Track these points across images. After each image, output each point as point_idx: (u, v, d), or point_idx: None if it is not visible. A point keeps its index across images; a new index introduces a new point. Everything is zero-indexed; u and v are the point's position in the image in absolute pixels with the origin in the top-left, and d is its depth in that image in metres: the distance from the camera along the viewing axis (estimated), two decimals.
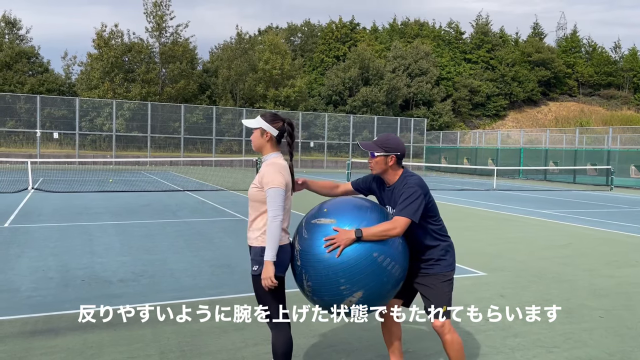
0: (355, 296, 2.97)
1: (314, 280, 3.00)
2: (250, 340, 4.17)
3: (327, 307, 3.10)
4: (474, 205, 14.97)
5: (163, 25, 41.84)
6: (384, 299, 3.11)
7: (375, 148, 3.25)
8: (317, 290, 3.02)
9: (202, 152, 36.77)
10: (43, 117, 32.63)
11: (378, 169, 3.28)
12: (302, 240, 3.09)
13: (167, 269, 6.36)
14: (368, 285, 2.96)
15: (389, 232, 3.00)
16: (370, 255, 2.95)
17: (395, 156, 3.24)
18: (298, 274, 3.10)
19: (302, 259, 3.04)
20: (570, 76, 64.14)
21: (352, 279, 2.93)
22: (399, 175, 3.27)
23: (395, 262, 3.03)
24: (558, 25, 79.88)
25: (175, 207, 12.56)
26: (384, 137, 3.33)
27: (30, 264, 6.45)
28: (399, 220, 3.05)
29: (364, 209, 3.14)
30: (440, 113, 51.55)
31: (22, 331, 4.21)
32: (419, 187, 3.16)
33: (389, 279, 3.03)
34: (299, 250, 3.07)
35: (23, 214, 10.59)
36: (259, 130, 3.16)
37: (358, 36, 57.86)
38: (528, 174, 32.27)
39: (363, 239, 2.93)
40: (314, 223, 3.09)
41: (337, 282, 2.94)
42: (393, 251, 3.03)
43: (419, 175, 3.29)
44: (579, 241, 9.39)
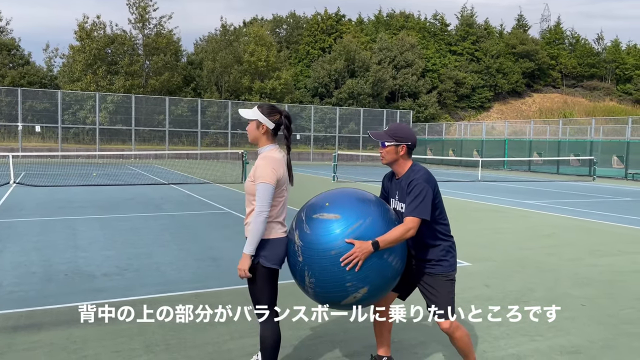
0: (360, 292, 2.94)
1: (318, 277, 2.93)
2: (236, 333, 4.16)
3: (329, 302, 3.07)
4: (459, 196, 15.07)
5: (146, 16, 41.35)
6: (385, 292, 3.11)
7: (386, 137, 3.22)
8: (321, 286, 2.95)
9: (188, 145, 36.51)
10: (24, 111, 32.14)
11: (389, 159, 3.24)
12: (304, 236, 2.99)
13: (152, 263, 6.31)
14: (374, 281, 2.94)
15: (404, 236, 3.00)
16: (378, 252, 2.92)
17: (406, 146, 3.21)
18: (299, 270, 3.01)
19: (305, 255, 2.96)
20: (554, 68, 64.71)
21: (359, 276, 2.89)
22: (408, 166, 3.24)
23: (396, 254, 3.03)
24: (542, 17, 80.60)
25: (160, 200, 12.47)
26: (395, 126, 3.30)
27: (12, 258, 6.36)
28: (411, 222, 3.03)
29: (366, 202, 3.09)
30: (425, 105, 51.73)
31: (4, 326, 4.15)
32: (426, 183, 3.12)
33: (392, 273, 3.03)
34: (301, 246, 2.99)
35: (5, 209, 10.43)
36: (255, 122, 3.11)
37: (344, 28, 57.70)
38: (512, 165, 32.57)
39: (380, 248, 2.91)
40: (317, 218, 3.00)
41: (343, 279, 2.89)
42: (396, 248, 3.03)
43: (426, 168, 3.24)
44: (562, 231, 9.51)
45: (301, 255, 2.97)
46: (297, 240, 3.01)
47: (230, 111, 37.23)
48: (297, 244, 3.01)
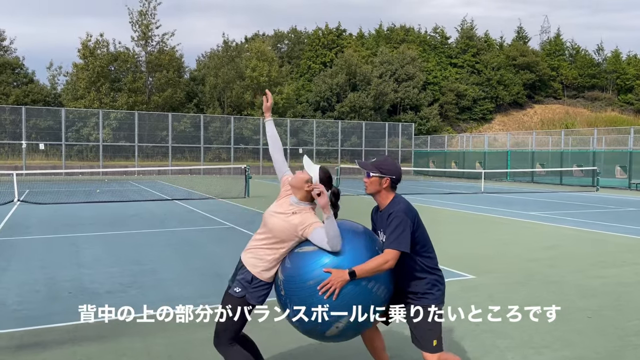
0: (342, 322, 2.94)
1: (299, 310, 2.95)
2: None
3: (313, 334, 3.07)
4: (462, 208, 15.04)
5: (149, 34, 41.73)
6: (369, 321, 3.09)
7: (371, 168, 3.27)
8: (304, 318, 2.96)
9: (191, 160, 36.62)
10: (28, 128, 32.34)
11: (372, 189, 3.27)
12: (285, 270, 3.05)
13: (156, 279, 6.31)
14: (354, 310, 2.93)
15: (382, 267, 2.99)
16: (357, 281, 2.92)
17: (390, 179, 3.24)
18: (283, 304, 3.06)
19: (286, 288, 3.00)
20: (555, 79, 64.88)
21: (337, 305, 2.89)
22: (390, 199, 3.26)
23: (377, 281, 3.01)
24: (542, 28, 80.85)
25: (164, 216, 12.48)
26: (382, 159, 3.38)
27: (16, 277, 6.37)
28: (389, 254, 3.03)
29: (349, 232, 3.10)
30: (427, 117, 51.86)
31: (9, 345, 4.15)
32: (405, 215, 3.12)
33: (374, 302, 3.01)
34: (282, 280, 3.03)
35: (9, 227, 10.46)
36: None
37: (344, 42, 58.09)
38: (515, 177, 32.52)
39: (357, 277, 2.91)
40: (298, 252, 3.06)
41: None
42: (378, 275, 3.01)
43: (407, 201, 3.28)
44: (566, 242, 9.47)
45: (283, 289, 3.02)
46: (280, 275, 3.08)
47: (233, 126, 37.39)
48: (280, 279, 3.07)
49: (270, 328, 4.27)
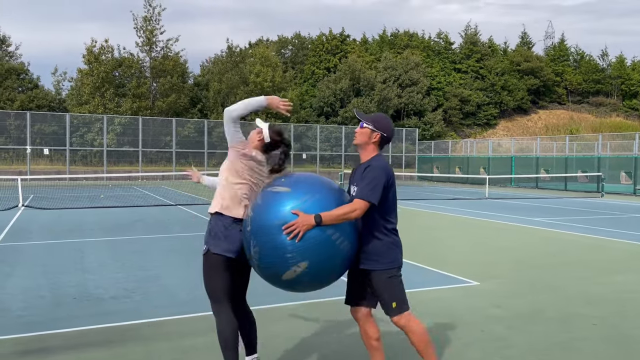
0: (300, 266, 2.98)
1: (261, 246, 3.03)
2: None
3: (271, 276, 3.11)
4: (466, 214, 15.00)
5: (153, 39, 41.91)
6: (329, 274, 3.13)
7: (366, 119, 3.34)
8: (263, 256, 3.04)
9: (194, 165, 36.65)
10: (33, 134, 32.46)
11: (360, 140, 3.33)
12: (255, 207, 3.13)
13: (160, 285, 6.31)
14: (314, 257, 2.98)
15: (348, 215, 3.04)
16: (322, 229, 2.98)
17: (380, 135, 3.30)
18: (247, 240, 3.13)
19: (252, 224, 3.08)
20: (559, 84, 64.81)
21: (299, 248, 2.95)
22: (372, 156, 3.31)
23: (344, 237, 3.06)
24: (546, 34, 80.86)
25: (168, 221, 12.50)
26: (379, 115, 3.42)
27: (21, 282, 6.38)
28: (358, 203, 3.08)
29: (321, 182, 3.22)
30: (431, 123, 51.84)
31: (14, 351, 4.15)
32: (381, 170, 3.18)
33: (336, 254, 3.05)
34: (251, 217, 3.12)
35: (13, 232, 10.49)
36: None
37: (348, 48, 58.21)
38: (520, 182, 32.44)
39: (323, 223, 2.97)
40: (269, 190, 3.15)
41: (284, 249, 2.96)
42: (344, 227, 3.06)
43: (386, 161, 3.32)
44: (571, 248, 9.43)
45: (250, 225, 3.10)
46: (250, 212, 3.16)
47: None
48: (249, 215, 3.14)
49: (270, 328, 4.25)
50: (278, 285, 3.19)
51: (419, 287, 6.36)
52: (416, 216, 14.47)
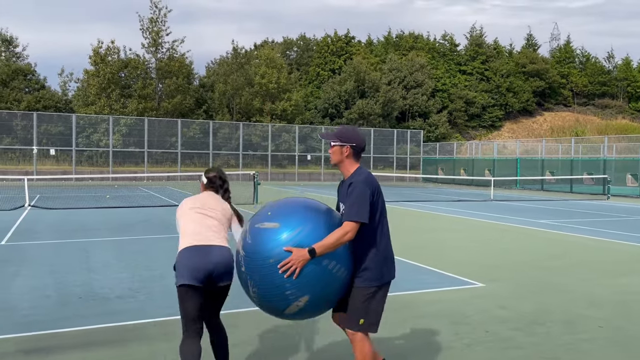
0: (301, 301, 2.95)
1: (259, 287, 2.98)
2: (251, 357, 4.14)
3: (274, 311, 3.09)
4: (471, 216, 14.97)
5: (159, 40, 42.03)
6: (331, 301, 3.10)
7: (332, 138, 3.28)
8: (263, 296, 3.00)
9: (199, 166, 36.73)
10: (40, 134, 32.63)
11: (335, 159, 3.29)
12: (246, 246, 3.06)
13: (164, 285, 6.33)
14: (314, 290, 2.95)
15: (341, 240, 2.98)
16: (316, 259, 2.93)
17: (350, 147, 3.23)
18: (243, 280, 3.09)
19: (246, 265, 3.03)
20: (565, 86, 64.59)
21: (298, 284, 2.91)
22: (353, 169, 3.23)
23: (340, 264, 3.01)
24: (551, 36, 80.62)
25: (173, 222, 12.52)
26: (344, 128, 3.35)
27: (27, 282, 6.42)
28: (349, 225, 3.01)
29: (308, 209, 3.12)
30: (436, 124, 51.76)
31: (20, 350, 4.18)
32: (364, 186, 3.09)
33: (334, 282, 3.02)
34: (243, 256, 3.06)
35: (20, 232, 10.54)
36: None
37: (353, 49, 58.21)
38: (525, 184, 32.34)
39: (317, 255, 2.90)
40: (258, 227, 3.06)
41: (282, 287, 2.92)
42: (338, 254, 3.00)
43: (369, 172, 3.25)
44: (576, 251, 9.40)
45: (243, 265, 3.05)
46: (241, 250, 3.10)
47: (242, 133, 37.54)
48: (241, 254, 3.09)
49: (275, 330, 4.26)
50: (282, 318, 3.15)
51: (424, 288, 6.36)
52: (421, 218, 14.45)
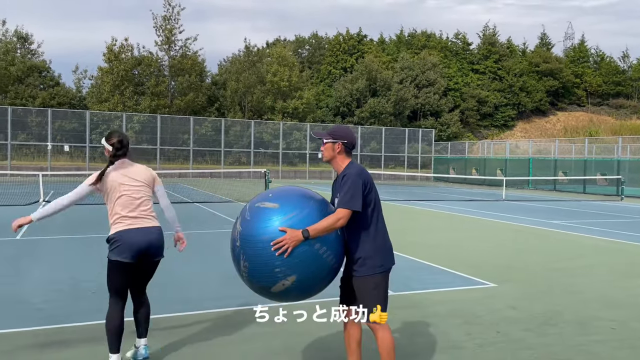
0: (288, 280, 3.08)
1: (251, 261, 3.11)
2: (258, 352, 4.16)
3: (260, 288, 3.21)
4: (483, 215, 14.89)
5: (172, 38, 42.28)
6: (317, 285, 3.22)
7: (324, 135, 3.44)
8: (252, 271, 3.13)
9: (211, 163, 36.93)
10: (54, 130, 32.98)
11: (327, 156, 3.43)
12: (244, 222, 3.21)
13: (176, 280, 6.37)
14: (302, 271, 3.08)
15: (334, 225, 3.14)
16: (307, 242, 3.05)
17: (342, 144, 3.38)
18: (236, 254, 3.22)
19: (242, 240, 3.16)
20: (579, 86, 63.95)
21: (288, 263, 3.04)
22: (345, 164, 3.39)
23: (330, 250, 3.15)
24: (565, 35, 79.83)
25: (185, 218, 12.60)
26: (335, 126, 3.54)
27: (40, 276, 6.50)
28: (341, 212, 3.17)
29: (307, 197, 3.30)
30: (448, 124, 51.52)
31: (34, 343, 4.24)
32: (357, 176, 3.25)
33: (323, 267, 3.15)
34: (240, 231, 3.20)
35: (34, 227, 10.65)
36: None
37: (365, 48, 58.10)
38: (537, 184, 32.10)
39: (310, 237, 3.05)
40: (258, 206, 3.21)
41: (272, 264, 3.05)
42: (329, 240, 3.15)
43: (361, 166, 3.39)
44: (589, 252, 9.31)
45: (239, 240, 3.19)
46: (238, 226, 3.25)
47: (253, 130, 37.65)
48: (238, 230, 3.23)
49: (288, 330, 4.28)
50: (267, 297, 3.29)
51: (436, 287, 6.34)
52: (433, 217, 14.40)
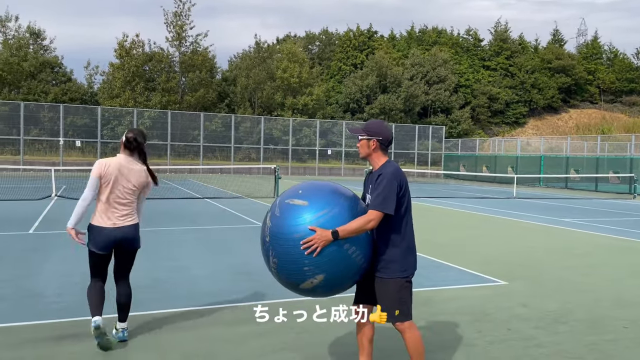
0: (317, 278, 3.08)
1: (280, 258, 3.12)
2: (269, 347, 4.19)
3: (289, 284, 3.22)
4: (493, 213, 14.83)
5: (183, 34, 42.41)
6: (345, 284, 3.22)
7: (360, 132, 3.37)
8: (281, 267, 3.14)
9: (221, 159, 37.06)
10: (66, 126, 33.25)
11: (363, 153, 3.39)
12: (274, 218, 3.20)
13: (187, 276, 6.42)
14: (331, 270, 3.07)
15: (364, 227, 3.11)
16: (337, 242, 3.04)
17: (377, 140, 3.32)
18: (266, 249, 3.22)
19: (271, 236, 3.16)
20: (592, 83, 63.30)
21: (317, 262, 3.04)
22: (382, 162, 3.34)
23: (359, 250, 3.14)
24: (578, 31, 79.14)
25: (195, 214, 12.68)
26: (369, 121, 3.45)
27: (55, 269, 6.58)
28: (373, 214, 3.13)
29: (337, 194, 3.25)
30: (458, 120, 51.24)
31: (49, 336, 4.30)
32: (392, 178, 3.19)
33: (351, 267, 3.15)
34: (269, 227, 3.19)
35: (47, 221, 10.79)
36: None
37: (376, 44, 57.90)
38: (549, 182, 31.88)
39: (339, 238, 3.03)
40: (288, 203, 3.20)
41: (301, 263, 3.05)
42: (359, 240, 3.13)
43: (398, 166, 3.32)
44: (601, 250, 9.25)
45: (268, 236, 3.18)
46: (268, 221, 3.23)
47: (263, 127, 37.73)
48: (267, 225, 3.22)
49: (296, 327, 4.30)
50: (295, 292, 3.29)
51: (446, 285, 6.34)
52: (443, 214, 14.36)
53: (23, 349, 4.02)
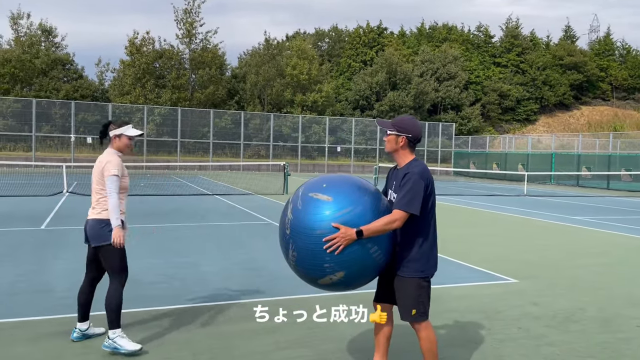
0: (337, 275, 3.04)
1: (300, 252, 3.06)
2: (281, 343, 4.19)
3: (308, 279, 3.18)
4: (504, 211, 14.73)
5: (193, 31, 42.51)
6: (363, 281, 3.19)
7: (389, 126, 3.31)
8: (301, 262, 3.08)
9: (231, 156, 37.15)
10: (77, 123, 33.47)
11: (389, 148, 3.32)
12: (295, 211, 3.12)
13: (197, 272, 6.44)
14: (351, 269, 3.03)
15: (389, 227, 3.06)
16: (360, 241, 3.00)
17: (406, 138, 3.27)
18: (285, 242, 3.16)
19: (292, 230, 3.09)
20: (604, 80, 62.61)
21: (338, 260, 2.99)
22: (408, 160, 3.28)
23: (381, 250, 3.10)
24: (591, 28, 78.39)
25: (205, 210, 12.72)
26: (400, 117, 3.38)
27: (65, 265, 6.62)
28: (398, 214, 3.08)
29: (362, 190, 3.17)
30: (469, 117, 50.94)
31: (58, 331, 4.32)
32: (419, 178, 3.13)
33: (372, 265, 3.11)
34: (290, 220, 3.12)
35: (58, 217, 10.87)
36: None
37: (385, 41, 57.66)
38: (560, 180, 31.62)
39: (364, 237, 2.98)
40: (311, 196, 3.12)
41: (322, 259, 3.00)
42: (381, 239, 3.09)
43: (425, 165, 3.26)
44: (613, 249, 9.15)
45: (289, 228, 3.11)
46: (289, 213, 3.15)
47: (272, 124, 37.76)
48: (288, 217, 3.14)
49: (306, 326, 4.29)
50: (313, 285, 3.26)
51: (456, 282, 6.30)
52: (454, 212, 14.29)
53: (38, 344, 4.05)
